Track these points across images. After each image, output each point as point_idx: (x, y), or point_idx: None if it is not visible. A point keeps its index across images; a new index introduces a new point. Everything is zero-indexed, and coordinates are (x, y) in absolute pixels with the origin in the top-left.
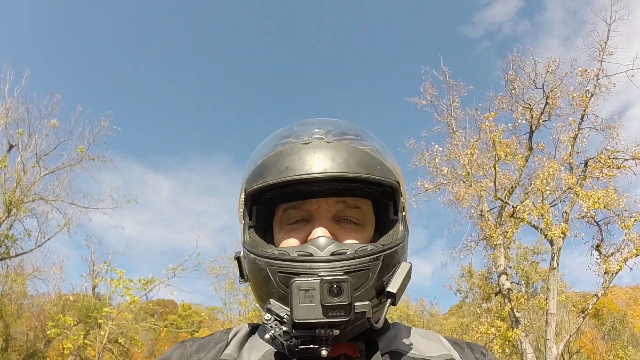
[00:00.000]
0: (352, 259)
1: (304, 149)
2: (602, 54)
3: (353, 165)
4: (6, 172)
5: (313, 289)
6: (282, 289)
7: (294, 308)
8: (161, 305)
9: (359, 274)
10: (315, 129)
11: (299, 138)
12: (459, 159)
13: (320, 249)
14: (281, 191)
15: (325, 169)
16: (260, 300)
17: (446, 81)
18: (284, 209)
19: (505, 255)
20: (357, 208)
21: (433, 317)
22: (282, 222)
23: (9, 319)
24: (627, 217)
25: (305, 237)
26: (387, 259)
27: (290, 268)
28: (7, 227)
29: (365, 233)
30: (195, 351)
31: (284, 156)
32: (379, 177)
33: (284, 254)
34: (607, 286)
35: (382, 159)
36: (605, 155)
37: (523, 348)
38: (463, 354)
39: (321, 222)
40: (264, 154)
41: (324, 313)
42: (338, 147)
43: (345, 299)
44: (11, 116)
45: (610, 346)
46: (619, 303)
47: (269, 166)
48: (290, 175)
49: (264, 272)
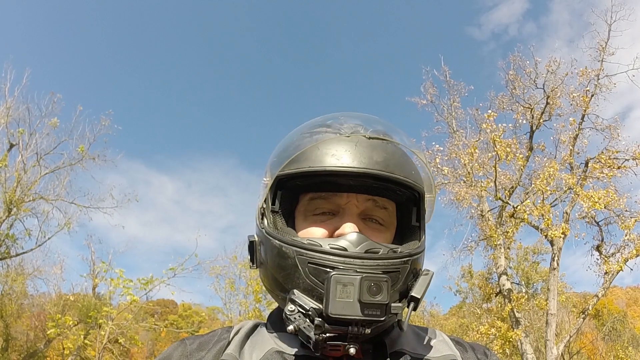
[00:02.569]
0: (385, 259)
1: (344, 141)
2: (602, 54)
3: (391, 165)
4: (7, 171)
5: (352, 285)
6: (311, 281)
7: (331, 302)
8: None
9: (391, 275)
10: (355, 123)
11: (338, 130)
12: (460, 159)
13: (355, 244)
14: (312, 180)
15: (365, 165)
16: (278, 288)
17: (447, 81)
18: (310, 198)
19: (506, 255)
20: (384, 209)
21: (433, 318)
22: (307, 211)
23: (9, 319)
24: (628, 218)
25: (332, 231)
26: (414, 264)
27: (324, 260)
28: (7, 226)
29: (388, 235)
30: (196, 349)
31: (323, 145)
32: (413, 182)
33: (315, 244)
34: (607, 287)
35: (416, 165)
36: (605, 156)
37: (523, 349)
38: (465, 355)
39: (350, 218)
40: (299, 140)
41: (361, 310)
42: (378, 145)
43: (384, 299)
44: (12, 115)
45: (610, 347)
46: (619, 304)
47: (305, 153)
48: (328, 165)
49: (290, 260)
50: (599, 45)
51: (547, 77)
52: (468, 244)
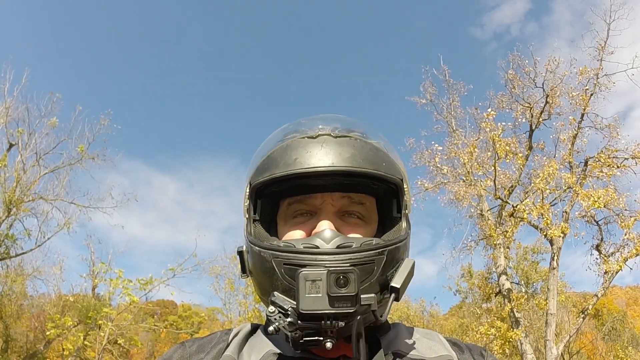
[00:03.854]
0: (357, 252)
1: (311, 143)
2: (601, 53)
3: (359, 160)
4: (6, 171)
5: (320, 280)
6: (287, 281)
7: (301, 298)
8: (161, 305)
9: (364, 267)
10: (321, 124)
11: (305, 132)
12: (459, 158)
13: (327, 241)
14: (286, 185)
15: (332, 163)
16: (264, 294)
17: (446, 80)
18: (288, 202)
19: (505, 255)
20: (361, 204)
21: (433, 318)
22: (286, 216)
23: (9, 320)
24: (627, 217)
25: (310, 231)
26: (391, 254)
27: (297, 260)
28: (7, 226)
29: (369, 229)
30: (195, 352)
31: (291, 150)
32: (384, 174)
33: (290, 246)
34: (607, 286)
35: (387, 156)
36: (605, 155)
37: (523, 349)
38: (462, 356)
39: (326, 216)
40: (270, 147)
41: (330, 304)
42: (345, 143)
43: (352, 290)
44: (11, 115)
45: (610, 346)
46: (619, 303)
47: (276, 159)
48: (297, 169)
49: (269, 264)
50: (598, 45)
51: (547, 76)
52: (468, 244)
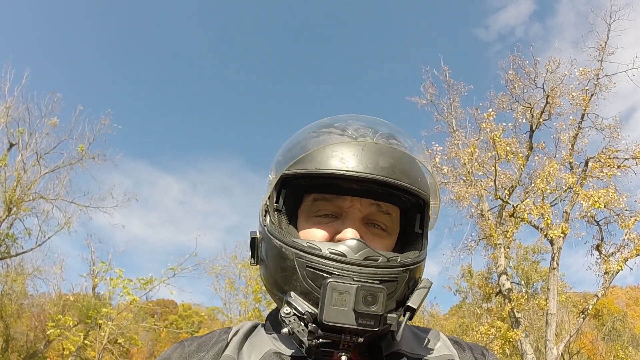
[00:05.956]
0: (384, 268)
1: (352, 145)
2: (602, 53)
3: (398, 172)
4: (6, 170)
5: (348, 293)
6: (308, 285)
7: (325, 309)
8: (161, 305)
9: (389, 284)
10: (363, 126)
11: (345, 131)
12: (460, 158)
13: (354, 251)
14: (318, 181)
15: (371, 170)
16: (276, 288)
17: (446, 80)
18: (314, 198)
19: (506, 255)
20: (388, 214)
21: (433, 318)
22: (309, 212)
23: (9, 319)
24: (628, 217)
25: (333, 234)
26: (413, 273)
27: (322, 265)
28: (7, 226)
29: (390, 241)
30: (195, 351)
31: (330, 148)
32: (418, 189)
33: (315, 248)
34: (607, 286)
35: (423, 171)
36: (605, 155)
37: (523, 349)
38: (463, 355)
39: (352, 223)
40: (306, 141)
41: (356, 320)
42: (385, 150)
43: (379, 310)
44: (11, 115)
45: (610, 347)
46: (619, 303)
47: (312, 154)
48: (334, 169)
49: (289, 262)
50: (598, 45)
51: (547, 77)
52: (468, 244)
